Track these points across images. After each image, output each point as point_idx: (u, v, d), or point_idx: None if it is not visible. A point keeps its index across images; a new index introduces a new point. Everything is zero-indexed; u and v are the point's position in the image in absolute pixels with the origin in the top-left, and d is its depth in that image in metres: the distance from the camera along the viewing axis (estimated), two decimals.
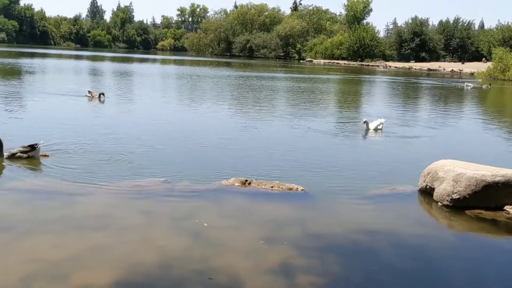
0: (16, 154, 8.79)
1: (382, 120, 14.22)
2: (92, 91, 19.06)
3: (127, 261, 5.12)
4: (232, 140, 12.23)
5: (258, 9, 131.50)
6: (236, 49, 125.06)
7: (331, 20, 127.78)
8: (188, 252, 5.45)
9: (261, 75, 44.78)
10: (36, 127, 12.10)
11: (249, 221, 6.59)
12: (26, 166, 8.45)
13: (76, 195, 7.08)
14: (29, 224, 5.96)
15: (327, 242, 6.05)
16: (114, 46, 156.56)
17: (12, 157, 8.77)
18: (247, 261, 5.31)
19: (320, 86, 35.48)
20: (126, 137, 11.58)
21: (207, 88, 29.10)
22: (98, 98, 18.42)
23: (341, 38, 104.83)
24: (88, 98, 18.61)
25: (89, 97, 18.73)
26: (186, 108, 18.59)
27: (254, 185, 7.87)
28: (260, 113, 17.85)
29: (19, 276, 4.69)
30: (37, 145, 8.88)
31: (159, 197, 7.20)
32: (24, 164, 8.55)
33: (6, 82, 24.93)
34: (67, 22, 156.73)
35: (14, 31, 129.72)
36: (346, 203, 7.52)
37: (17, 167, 8.36)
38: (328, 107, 22.28)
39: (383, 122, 14.16)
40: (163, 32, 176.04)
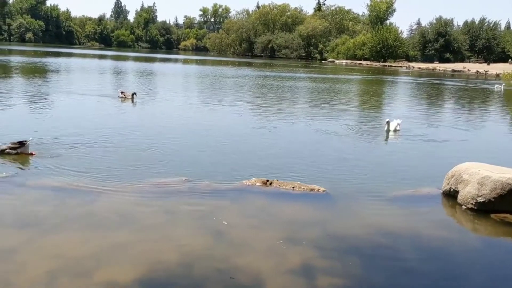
0: (5, 150, 8.93)
1: (399, 121, 14.11)
2: (125, 92, 18.98)
3: (149, 259, 5.17)
4: (254, 140, 12.26)
5: (280, 9, 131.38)
6: (258, 49, 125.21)
7: (354, 20, 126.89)
8: (209, 251, 5.48)
9: (282, 75, 44.73)
10: (64, 126, 12.28)
11: (270, 221, 6.59)
12: (50, 163, 8.60)
13: (99, 192, 7.18)
14: (54, 221, 6.07)
15: (348, 243, 6.01)
16: (137, 46, 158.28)
17: (1, 153, 8.91)
18: (268, 261, 5.31)
19: (342, 87, 35.27)
20: (149, 136, 11.71)
21: (229, 88, 29.19)
22: (131, 99, 18.34)
23: (364, 39, 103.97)
24: (121, 99, 18.58)
25: (122, 98, 18.68)
26: (208, 108, 18.67)
27: (275, 185, 7.87)
28: (281, 113, 17.82)
29: (44, 271, 4.78)
30: (26, 142, 9.02)
31: (181, 196, 7.25)
32: (48, 161, 8.71)
33: (42, 81, 25.45)
34: (91, 22, 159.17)
35: (41, 31, 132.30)
36: (368, 205, 7.45)
37: (41, 164, 8.51)
38: (350, 108, 22.12)
39: (399, 123, 14.04)
40: (185, 32, 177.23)
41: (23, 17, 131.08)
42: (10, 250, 5.20)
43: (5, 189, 7.05)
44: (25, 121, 12.93)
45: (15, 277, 4.66)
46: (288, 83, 34.60)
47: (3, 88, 20.87)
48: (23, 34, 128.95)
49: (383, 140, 13.29)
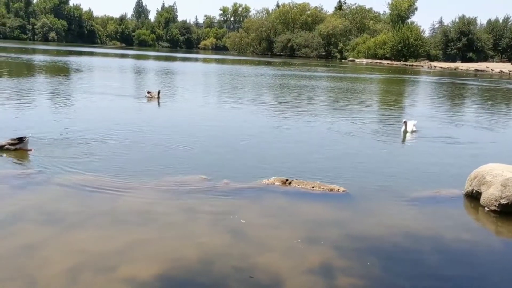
0: (4, 146, 9.09)
1: (415, 122, 13.93)
2: (151, 92, 19.03)
3: (169, 256, 5.22)
4: (273, 139, 12.25)
5: (300, 8, 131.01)
6: (277, 48, 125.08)
7: (375, 19, 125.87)
8: (228, 249, 5.51)
9: (301, 74, 44.61)
10: (88, 125, 12.46)
11: (289, 221, 6.58)
12: (73, 161, 8.74)
13: (120, 190, 7.27)
14: (76, 218, 6.17)
15: (368, 244, 5.97)
16: (158, 45, 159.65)
17: (1, 148, 9.09)
18: (287, 260, 5.32)
19: (362, 86, 35.02)
20: (169, 134, 11.83)
21: (249, 87, 29.23)
22: (157, 98, 18.32)
23: (385, 38, 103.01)
24: (148, 99, 18.63)
25: (149, 97, 18.74)
26: (227, 107, 18.73)
27: (294, 185, 7.86)
28: (300, 113, 17.79)
29: (67, 267, 4.86)
30: (25, 138, 9.17)
31: (200, 194, 7.30)
32: (71, 159, 8.86)
33: (68, 81, 25.88)
34: (113, 21, 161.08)
35: (63, 30, 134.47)
36: (388, 205, 7.39)
37: (64, 162, 8.65)
38: (370, 107, 21.94)
39: (415, 123, 13.85)
40: (205, 31, 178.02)
41: (46, 17, 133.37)
42: (34, 245, 5.31)
43: (29, 186, 7.20)
44: (50, 119, 13.14)
45: (39, 272, 4.76)
46: (308, 82, 34.50)
47: (28, 87, 21.28)
48: (46, 34, 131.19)
49: (401, 141, 13.13)
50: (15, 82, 23.03)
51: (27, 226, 5.86)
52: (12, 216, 6.10)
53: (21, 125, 11.69)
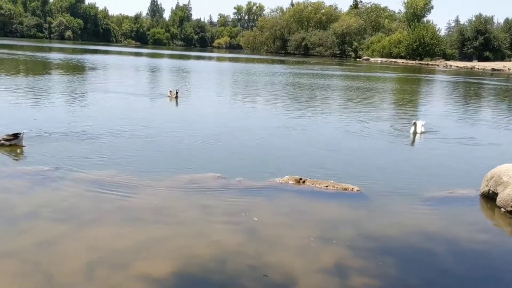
0: (0, 142, 9.21)
1: (423, 122, 13.54)
2: (172, 91, 18.76)
3: (184, 253, 5.26)
4: (286, 138, 12.26)
5: (314, 6, 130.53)
6: (291, 47, 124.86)
7: (390, 17, 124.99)
8: (242, 248, 5.53)
9: (315, 73, 44.47)
10: (104, 123, 12.58)
11: (303, 220, 6.59)
12: (88, 158, 8.85)
13: (135, 187, 7.34)
14: (92, 215, 6.24)
15: (383, 244, 5.95)
16: (172, 43, 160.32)
17: None
18: (301, 259, 5.32)
19: (376, 85, 34.81)
20: (184, 132, 11.91)
21: (263, 86, 29.24)
22: (175, 98, 18.14)
23: (400, 36, 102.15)
24: (169, 98, 18.51)
25: (169, 96, 18.59)
26: (242, 106, 18.78)
27: (308, 184, 7.85)
28: (314, 112, 17.76)
29: (83, 263, 4.93)
30: (20, 134, 9.30)
31: (214, 192, 7.33)
32: (86, 156, 8.96)
33: (87, 80, 26.16)
34: (128, 20, 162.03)
35: (79, 29, 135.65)
36: (403, 205, 7.35)
37: (79, 159, 8.75)
38: (384, 107, 21.82)
39: (423, 124, 13.47)
40: (219, 30, 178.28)
41: (62, 16, 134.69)
42: (51, 242, 5.38)
43: (44, 183, 7.29)
44: (66, 117, 13.27)
45: (56, 267, 4.83)
46: (321, 81, 34.40)
47: (43, 85, 21.55)
48: (62, 32, 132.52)
49: (418, 140, 12.99)
50: (31, 80, 23.33)
51: (44, 222, 5.94)
52: (29, 212, 6.18)
53: (36, 122, 11.86)
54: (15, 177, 7.45)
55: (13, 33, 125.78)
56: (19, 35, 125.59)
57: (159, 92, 19.86)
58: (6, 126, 10.90)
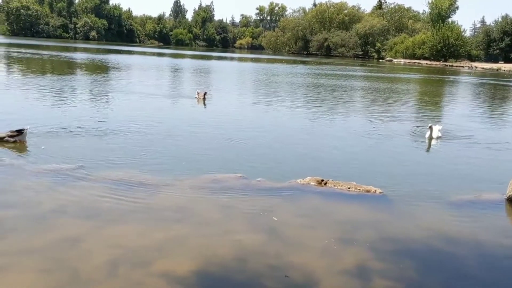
0: (4, 138, 9.37)
1: (439, 127, 13.03)
2: (200, 92, 18.46)
3: (205, 253, 5.29)
4: (308, 139, 12.23)
5: (337, 7, 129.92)
6: (313, 48, 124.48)
7: (414, 18, 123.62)
8: (263, 248, 5.53)
9: (337, 74, 44.22)
10: (129, 123, 12.73)
11: (324, 221, 6.56)
12: (111, 157, 8.98)
13: (158, 186, 7.41)
14: (115, 213, 6.32)
15: (405, 247, 5.88)
16: (195, 44, 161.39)
17: (1, 140, 9.36)
18: (322, 261, 5.30)
19: (399, 86, 34.43)
20: (206, 133, 11.98)
21: (284, 86, 29.21)
22: (203, 99, 17.95)
23: (424, 37, 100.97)
24: (196, 99, 18.22)
25: (197, 98, 18.26)
26: (263, 106, 18.78)
27: (330, 185, 7.81)
28: (336, 112, 17.67)
29: (106, 260, 5.00)
30: (24, 130, 9.45)
31: (236, 192, 7.35)
32: (109, 155, 9.10)
33: (114, 80, 26.53)
34: (151, 21, 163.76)
35: (104, 29, 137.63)
36: (426, 209, 7.25)
37: (103, 158, 8.88)
38: (406, 108, 21.57)
39: (440, 129, 12.94)
40: (241, 30, 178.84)
41: (87, 16, 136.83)
42: (75, 239, 5.47)
43: (69, 181, 7.40)
44: (91, 115, 13.45)
45: (80, 264, 4.90)
46: (343, 82, 34.19)
47: (68, 84, 21.92)
48: (87, 33, 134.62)
49: (442, 142, 12.74)
50: (56, 80, 23.74)
51: (68, 220, 6.04)
52: (53, 210, 6.30)
53: (59, 120, 12.07)
54: (40, 175, 7.59)
55: (39, 34, 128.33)
56: (46, 35, 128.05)
57: (186, 93, 19.96)
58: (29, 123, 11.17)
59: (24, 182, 7.23)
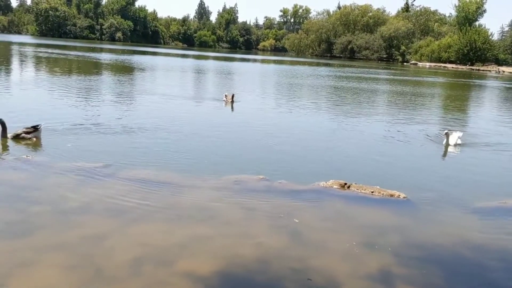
0: (20, 135, 9.65)
1: (460, 134, 12.54)
2: (228, 95, 18.41)
3: (228, 253, 5.31)
4: (331, 142, 12.17)
5: (362, 10, 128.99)
6: (337, 50, 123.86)
7: (440, 21, 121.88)
8: (285, 250, 5.53)
9: (361, 76, 43.89)
10: (157, 124, 12.90)
11: (347, 225, 6.52)
12: (136, 157, 9.10)
13: (181, 186, 7.49)
14: (139, 212, 6.40)
15: (429, 253, 5.80)
16: (218, 46, 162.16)
17: (17, 137, 9.66)
18: (345, 265, 5.27)
19: (423, 90, 33.98)
20: (229, 135, 12.07)
21: (308, 89, 29.14)
22: (231, 102, 17.80)
23: (450, 41, 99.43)
24: (224, 102, 18.20)
25: (225, 101, 18.23)
26: (286, 109, 18.75)
27: (353, 189, 7.76)
28: (359, 116, 17.53)
29: (131, 258, 5.07)
30: (39, 126, 9.69)
31: (258, 194, 7.37)
32: (134, 155, 9.22)
33: (145, 82, 26.89)
34: (176, 22, 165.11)
35: (129, 30, 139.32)
36: (451, 214, 7.15)
37: (127, 157, 9.01)
38: (430, 112, 21.29)
39: (460, 136, 12.47)
40: (264, 32, 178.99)
41: (114, 18, 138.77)
42: (100, 236, 5.56)
43: (95, 179, 7.53)
44: (118, 116, 13.67)
45: (104, 261, 4.99)
46: (367, 85, 33.93)
47: (94, 84, 22.27)
48: (113, 34, 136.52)
49: (467, 148, 12.47)
50: (82, 80, 24.15)
51: (94, 217, 6.14)
52: (80, 207, 6.41)
53: (86, 119, 12.31)
54: (67, 172, 7.74)
55: (67, 34, 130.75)
56: (73, 36, 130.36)
57: (212, 96, 20.00)
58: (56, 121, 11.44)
59: (51, 180, 7.39)
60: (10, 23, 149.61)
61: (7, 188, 6.97)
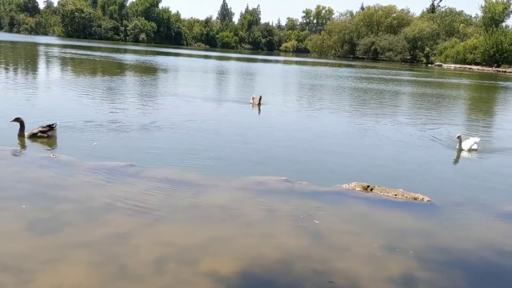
0: (37, 134, 9.91)
1: (476, 140, 12.07)
2: (255, 97, 18.25)
3: (250, 254, 5.34)
4: (353, 144, 12.11)
5: (385, 10, 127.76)
6: (360, 51, 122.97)
7: (465, 22, 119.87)
8: (308, 252, 5.53)
9: (385, 78, 43.47)
10: (180, 125, 13.05)
11: (370, 227, 6.47)
12: (161, 156, 9.21)
13: (204, 186, 7.55)
14: (163, 211, 6.47)
15: (454, 257, 5.73)
16: (240, 47, 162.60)
17: (34, 136, 9.91)
18: (367, 268, 5.24)
19: (447, 92, 33.48)
20: (252, 136, 12.11)
21: (330, 90, 28.99)
22: (258, 105, 17.63)
23: (476, 42, 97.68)
24: (251, 104, 18.01)
25: (252, 104, 18.05)
26: (309, 111, 18.72)
27: (376, 192, 7.70)
28: (381, 118, 17.37)
29: (154, 257, 5.14)
30: (55, 125, 9.98)
31: (280, 195, 7.38)
32: (160, 155, 9.34)
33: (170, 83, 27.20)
34: (199, 24, 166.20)
35: (153, 32, 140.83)
36: (476, 218, 7.04)
37: (152, 157, 9.12)
38: (454, 115, 20.95)
39: (477, 141, 12.01)
40: (287, 33, 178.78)
41: (138, 19, 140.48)
42: (125, 235, 5.65)
43: (120, 178, 7.65)
44: (146, 117, 13.85)
45: (128, 259, 5.06)
46: (390, 87, 33.59)
47: (122, 85, 22.57)
48: (137, 35, 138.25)
49: (491, 151, 12.20)
50: (107, 80, 24.50)
51: (119, 216, 6.23)
52: (105, 206, 6.52)
53: (110, 118, 12.49)
54: (93, 171, 7.88)
55: (92, 35, 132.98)
56: (97, 37, 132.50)
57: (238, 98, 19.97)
58: (81, 119, 11.66)
59: (78, 178, 7.53)
60: (37, 24, 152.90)
61: (35, 186, 7.13)
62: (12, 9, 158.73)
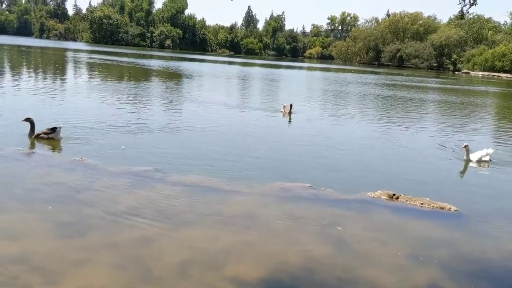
0: (40, 135, 10.20)
1: (490, 151, 11.46)
2: (286, 106, 17.88)
3: (274, 260, 5.33)
4: (379, 152, 11.99)
5: (412, 17, 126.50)
6: (385, 58, 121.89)
7: (494, 29, 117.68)
8: (332, 259, 5.49)
9: (411, 85, 42.96)
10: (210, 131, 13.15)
11: (395, 236, 6.39)
12: (186, 162, 9.28)
13: (228, 192, 7.57)
14: (188, 216, 6.52)
15: (481, 268, 5.61)
16: (264, 53, 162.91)
17: (37, 137, 10.20)
18: (392, 277, 5.17)
19: (475, 100, 32.86)
20: (280, 143, 12.11)
21: (354, 97, 28.80)
22: (289, 113, 17.33)
23: (505, 49, 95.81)
24: (282, 113, 17.73)
25: (283, 112, 17.77)
26: (333, 118, 18.62)
27: (402, 200, 7.60)
28: (408, 126, 17.16)
29: (179, 261, 5.17)
30: (57, 128, 10.22)
31: (304, 202, 7.35)
32: (184, 160, 9.41)
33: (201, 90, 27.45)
34: (224, 30, 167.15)
35: (178, 38, 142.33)
36: (505, 229, 6.89)
37: (177, 162, 9.20)
38: (484, 124, 20.55)
39: (490, 153, 11.41)
40: (311, 40, 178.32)
41: (164, 26, 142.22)
42: (149, 238, 5.70)
43: (146, 183, 7.74)
44: (172, 123, 13.98)
45: (153, 262, 5.11)
46: (416, 94, 33.17)
47: (149, 90, 22.85)
48: (163, 41, 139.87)
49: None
50: (133, 85, 24.84)
51: (144, 220, 6.29)
52: (131, 210, 6.59)
53: (137, 123, 12.65)
54: (120, 175, 7.99)
55: (119, 41, 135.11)
56: (124, 43, 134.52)
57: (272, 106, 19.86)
58: (108, 124, 11.84)
59: (104, 182, 7.64)
60: (66, 30, 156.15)
61: (62, 189, 7.26)
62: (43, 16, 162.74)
